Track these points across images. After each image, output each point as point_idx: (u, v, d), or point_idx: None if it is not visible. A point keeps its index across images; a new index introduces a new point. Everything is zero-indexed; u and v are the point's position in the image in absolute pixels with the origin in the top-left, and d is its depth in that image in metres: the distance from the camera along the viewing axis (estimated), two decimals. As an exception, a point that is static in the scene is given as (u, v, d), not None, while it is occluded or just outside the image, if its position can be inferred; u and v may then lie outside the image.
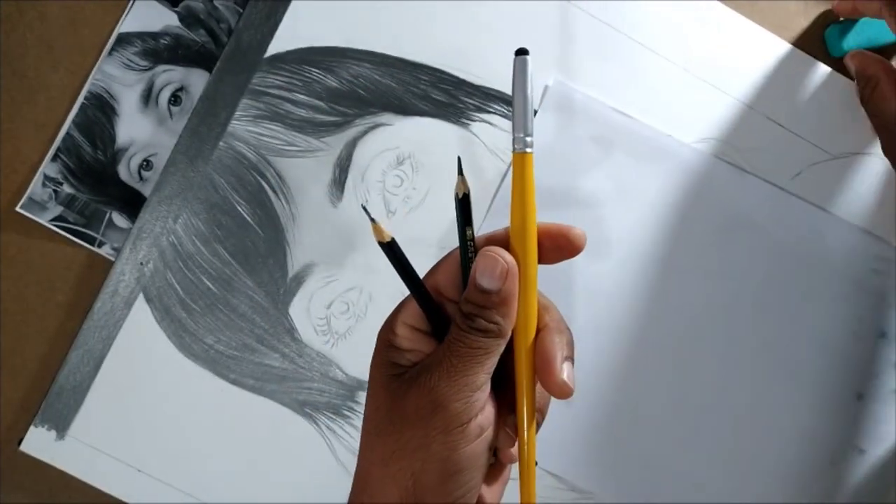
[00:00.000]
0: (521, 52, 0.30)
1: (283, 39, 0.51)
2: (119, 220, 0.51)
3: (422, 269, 0.33)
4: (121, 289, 0.50)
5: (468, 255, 0.32)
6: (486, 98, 0.51)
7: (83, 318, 0.50)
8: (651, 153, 0.51)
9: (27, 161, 0.51)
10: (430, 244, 0.51)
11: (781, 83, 0.52)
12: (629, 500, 0.51)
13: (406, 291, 0.33)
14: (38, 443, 0.50)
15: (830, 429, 0.52)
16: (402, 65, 0.51)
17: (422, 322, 0.33)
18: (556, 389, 0.30)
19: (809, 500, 0.52)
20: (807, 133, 0.52)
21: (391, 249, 0.31)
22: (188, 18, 0.51)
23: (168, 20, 0.51)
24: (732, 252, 0.52)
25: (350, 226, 0.51)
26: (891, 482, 0.52)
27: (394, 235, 0.31)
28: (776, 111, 0.52)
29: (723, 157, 0.51)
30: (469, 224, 0.32)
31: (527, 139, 0.31)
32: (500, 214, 0.51)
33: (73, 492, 0.50)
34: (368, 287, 0.51)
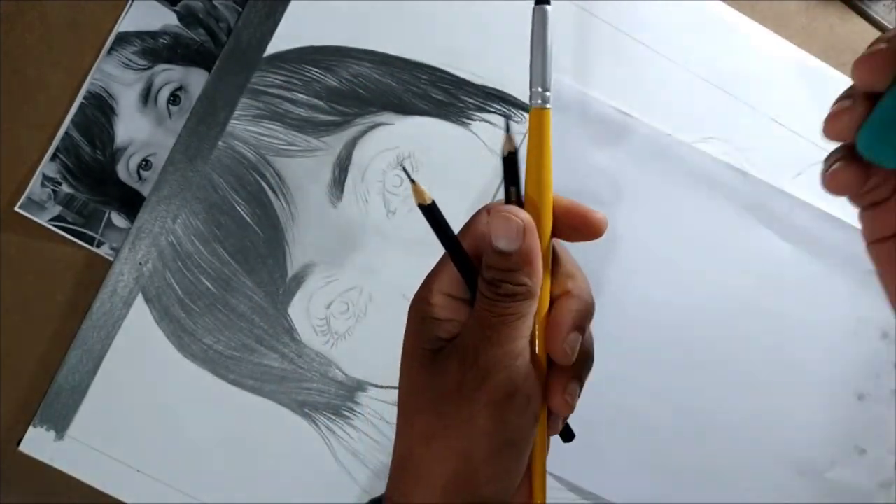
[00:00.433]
0: (542, 1, 0.28)
1: (283, 38, 0.50)
2: (118, 220, 0.51)
3: (423, 270, 0.33)
4: (120, 289, 0.50)
5: None
6: (486, 97, 0.51)
7: (82, 318, 0.50)
8: (652, 152, 0.51)
9: (26, 161, 0.50)
10: (431, 244, 0.51)
11: (782, 83, 0.52)
12: (629, 500, 0.51)
13: (405, 290, 0.32)
14: (38, 443, 0.50)
15: (830, 429, 0.52)
16: (402, 64, 0.51)
17: (458, 289, 0.31)
18: (559, 355, 0.29)
19: (809, 501, 0.52)
20: (808, 133, 0.52)
21: (431, 213, 0.30)
22: (187, 18, 0.51)
23: (167, 19, 0.51)
24: (733, 252, 0.52)
25: (350, 226, 0.51)
26: (891, 482, 0.52)
27: (395, 234, 0.31)
28: (777, 111, 0.52)
29: (724, 157, 0.51)
30: (514, 184, 0.30)
31: (545, 94, 0.29)
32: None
33: (73, 492, 0.50)
34: (368, 287, 0.51)
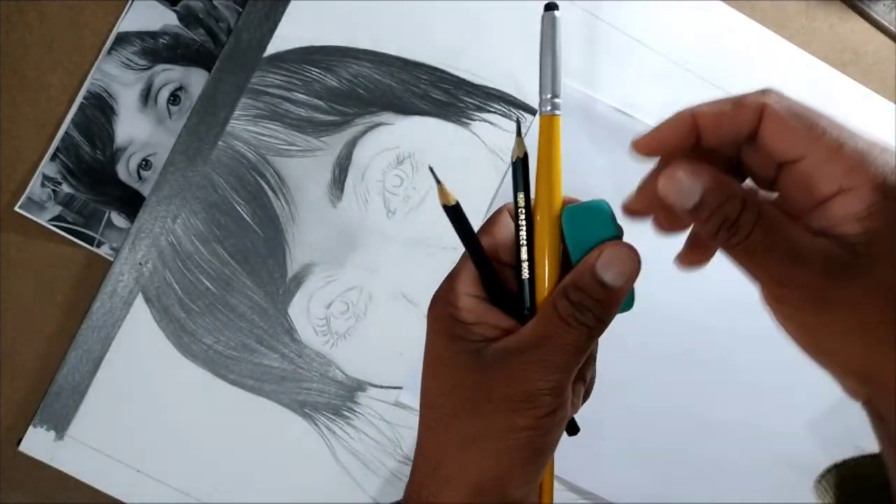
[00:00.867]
0: (551, 7, 0.28)
1: (283, 39, 0.50)
2: (118, 220, 0.51)
3: (423, 270, 0.33)
4: (119, 289, 0.50)
5: (519, 224, 0.30)
6: (486, 97, 0.51)
7: (82, 318, 0.50)
8: (651, 153, 0.51)
9: (26, 161, 0.50)
10: (431, 244, 0.51)
11: (782, 83, 0.52)
12: (629, 500, 0.51)
13: (405, 290, 0.32)
14: (38, 443, 0.50)
15: (830, 429, 0.52)
16: (402, 64, 0.51)
17: (482, 291, 0.30)
18: None
19: (809, 501, 0.52)
20: (807, 133, 0.52)
21: (456, 214, 0.29)
22: (187, 18, 0.51)
23: (167, 19, 0.51)
24: (733, 252, 0.52)
25: (350, 226, 0.51)
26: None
27: (395, 234, 0.30)
28: (776, 111, 0.52)
29: (723, 157, 0.51)
30: (523, 189, 0.30)
31: (555, 100, 0.29)
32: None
33: (72, 492, 0.50)
34: (368, 287, 0.51)
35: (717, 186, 0.26)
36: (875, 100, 0.53)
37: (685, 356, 0.51)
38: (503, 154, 0.51)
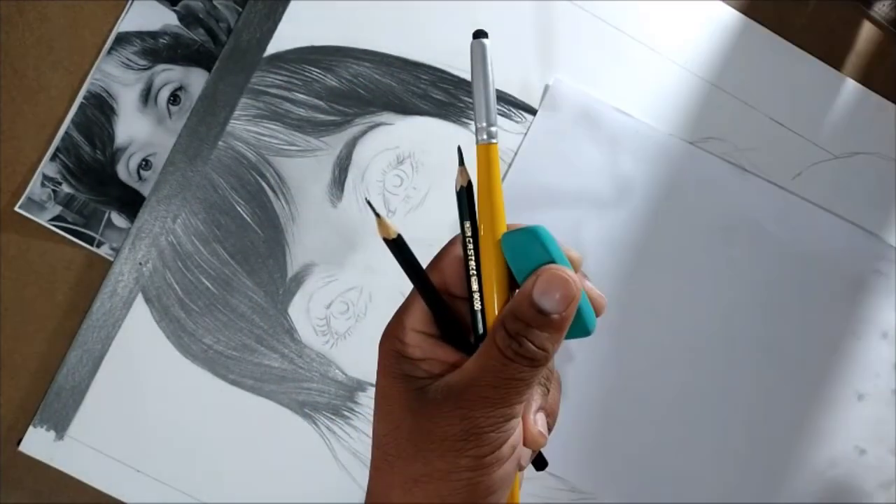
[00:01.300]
0: (479, 35, 0.28)
1: (283, 38, 0.50)
2: (118, 220, 0.51)
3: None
4: (119, 289, 0.50)
5: (467, 254, 0.29)
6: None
7: (82, 318, 0.50)
8: (652, 152, 0.51)
9: (26, 161, 0.50)
10: (431, 244, 0.51)
11: (783, 83, 0.52)
12: (629, 500, 0.51)
13: (405, 290, 0.32)
14: (37, 443, 0.50)
15: (830, 429, 0.52)
16: (402, 64, 0.51)
17: (432, 325, 0.29)
18: (529, 440, 0.29)
19: (809, 500, 0.52)
20: (808, 133, 0.52)
21: (398, 247, 0.29)
22: (187, 18, 0.51)
23: (167, 19, 0.51)
24: (733, 252, 0.52)
25: (350, 226, 0.51)
26: (891, 482, 0.52)
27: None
28: (777, 111, 0.52)
29: (724, 157, 0.51)
30: (469, 219, 0.29)
31: (490, 129, 0.28)
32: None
33: (72, 492, 0.50)
34: (368, 287, 0.51)
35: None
36: (875, 100, 0.53)
37: (686, 356, 0.51)
38: (504, 155, 0.51)
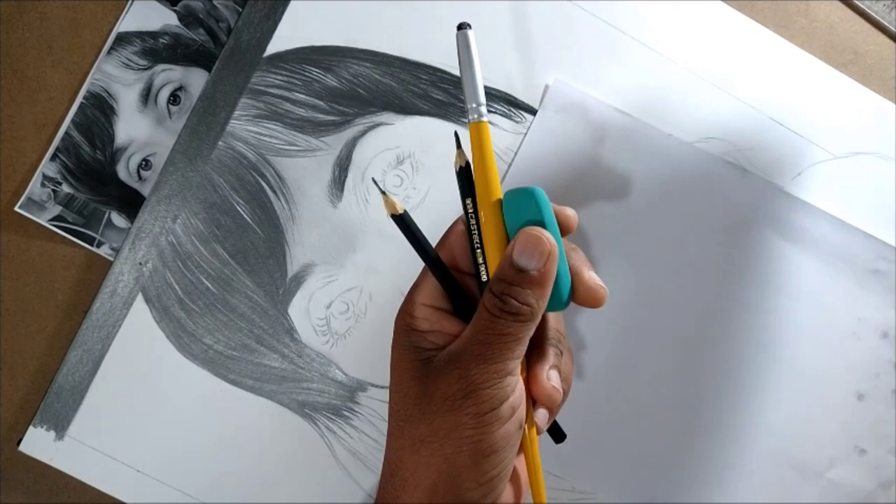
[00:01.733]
0: (463, 27, 0.31)
1: (283, 38, 0.50)
2: (118, 220, 0.51)
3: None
4: (119, 289, 0.50)
5: (471, 229, 0.31)
6: (487, 97, 0.51)
7: (82, 318, 0.50)
8: (652, 152, 0.51)
9: (26, 161, 0.50)
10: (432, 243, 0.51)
11: (782, 83, 0.52)
12: (629, 500, 0.51)
13: (405, 290, 0.32)
14: (37, 443, 0.50)
15: (830, 429, 0.52)
16: (402, 64, 0.51)
17: (440, 300, 0.32)
18: (544, 396, 0.31)
19: (809, 501, 0.52)
20: (808, 133, 0.52)
21: (404, 222, 0.31)
22: (187, 18, 0.51)
23: (167, 19, 0.51)
24: (733, 252, 0.52)
25: (350, 225, 0.51)
26: (891, 482, 0.52)
27: (395, 234, 0.31)
28: (777, 111, 0.52)
29: (724, 157, 0.51)
30: (470, 195, 0.31)
31: (480, 108, 0.31)
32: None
33: (73, 492, 0.50)
34: (368, 287, 0.51)
35: None
36: (875, 100, 0.53)
37: (686, 356, 0.51)
38: (504, 154, 0.51)
